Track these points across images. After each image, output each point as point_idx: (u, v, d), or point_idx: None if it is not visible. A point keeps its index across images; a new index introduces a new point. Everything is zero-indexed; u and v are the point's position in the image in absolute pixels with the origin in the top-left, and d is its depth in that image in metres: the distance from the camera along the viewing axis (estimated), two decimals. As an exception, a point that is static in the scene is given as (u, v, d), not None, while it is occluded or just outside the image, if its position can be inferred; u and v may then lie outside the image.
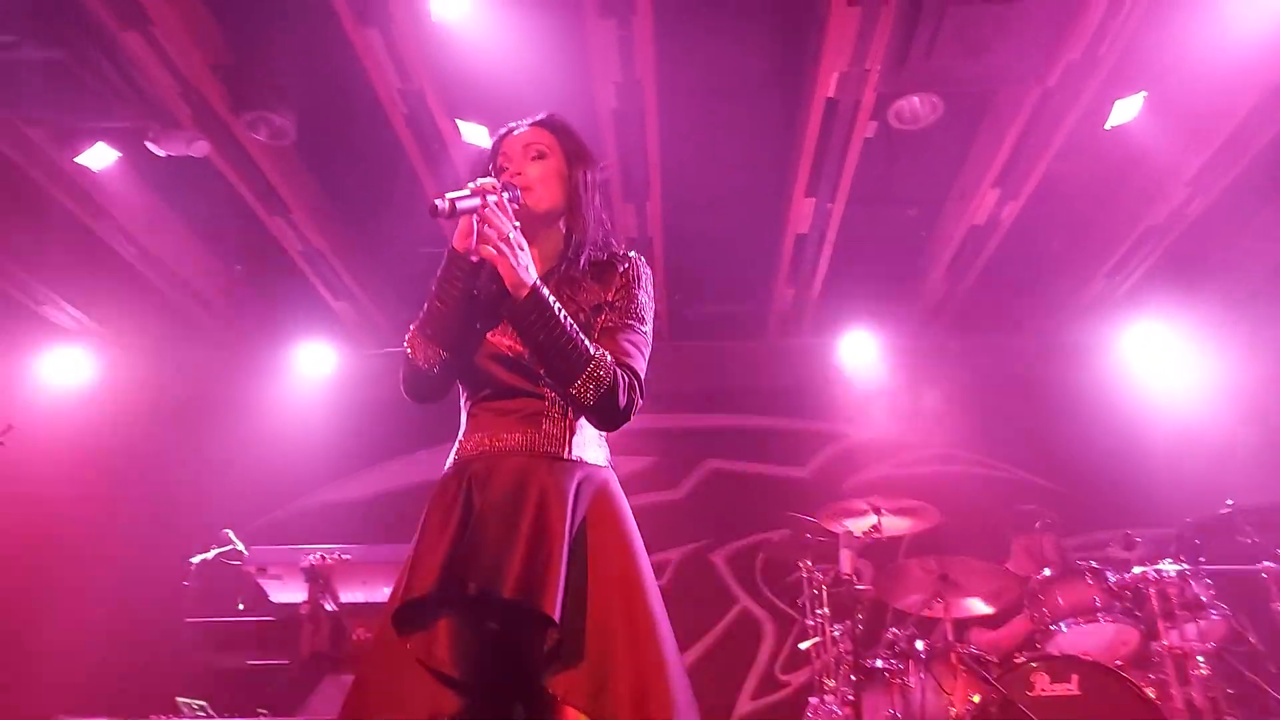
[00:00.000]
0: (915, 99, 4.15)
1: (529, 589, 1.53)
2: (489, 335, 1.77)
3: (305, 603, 3.47)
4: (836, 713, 3.67)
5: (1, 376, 5.56)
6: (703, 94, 4.31)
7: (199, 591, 3.81)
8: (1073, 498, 5.47)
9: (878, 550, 4.36)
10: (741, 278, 5.67)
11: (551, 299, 1.66)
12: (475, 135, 4.05)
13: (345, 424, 5.76)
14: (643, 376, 1.75)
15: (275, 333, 5.77)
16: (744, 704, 5.34)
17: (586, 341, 1.67)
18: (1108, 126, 4.19)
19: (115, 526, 5.29)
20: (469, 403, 1.81)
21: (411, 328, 1.79)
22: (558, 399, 1.73)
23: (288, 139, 3.91)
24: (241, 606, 3.72)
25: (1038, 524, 4.19)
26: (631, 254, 1.88)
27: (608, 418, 1.71)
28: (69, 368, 5.65)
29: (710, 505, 5.77)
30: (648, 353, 1.80)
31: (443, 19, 3.46)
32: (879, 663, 3.79)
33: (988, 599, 4.03)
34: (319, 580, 3.48)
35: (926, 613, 4.02)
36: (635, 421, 6.20)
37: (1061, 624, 3.83)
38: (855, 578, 3.84)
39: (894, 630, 3.85)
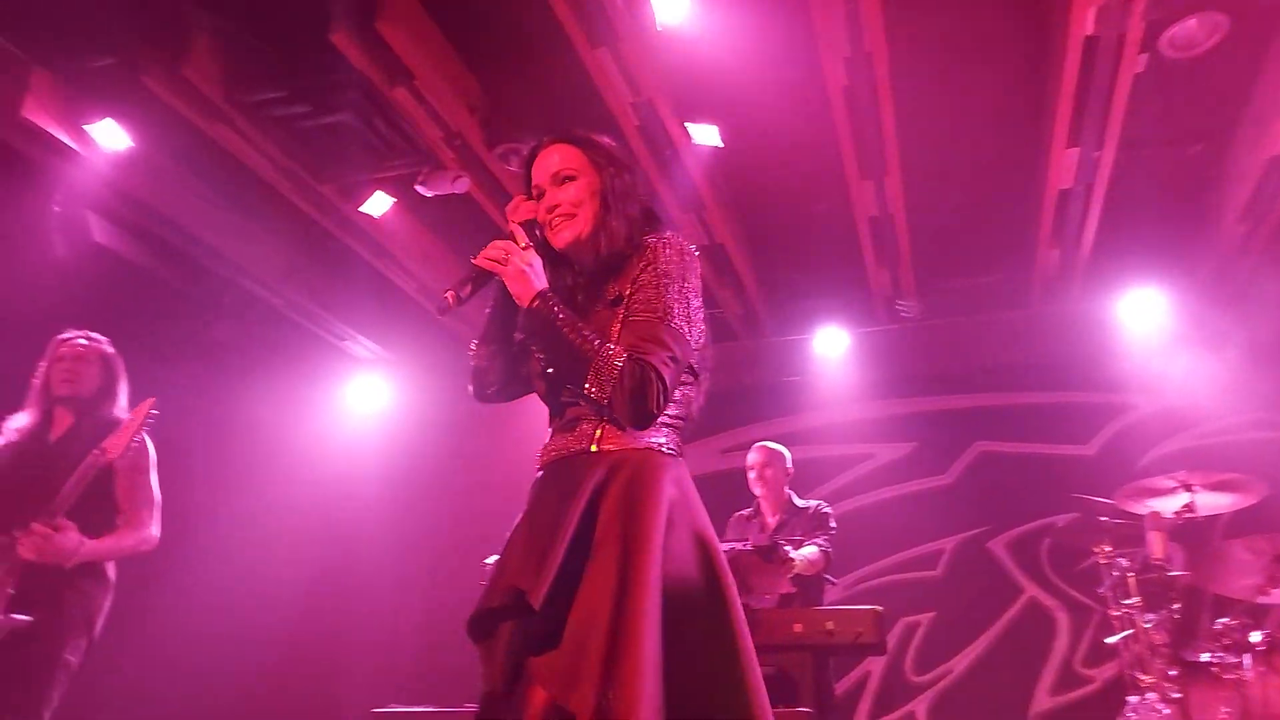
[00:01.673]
0: (1192, 21, 3.66)
1: (529, 583, 1.55)
2: (537, 357, 1.82)
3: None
4: (1161, 711, 3.30)
5: (316, 405, 6.37)
6: (938, 57, 4.05)
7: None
8: None
9: (1189, 532, 3.88)
10: (997, 245, 5.28)
11: (555, 305, 1.69)
12: (705, 135, 4.09)
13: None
14: (665, 367, 1.65)
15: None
16: (1042, 699, 4.95)
17: (594, 340, 1.66)
18: None
19: (418, 533, 5.89)
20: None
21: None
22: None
23: (536, 164, 4.16)
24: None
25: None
26: (653, 238, 1.79)
27: (628, 414, 1.64)
28: (369, 394, 6.39)
29: (984, 490, 5.41)
30: (675, 338, 1.69)
31: (667, 26, 3.53)
32: (1205, 656, 3.36)
33: (1341, 584, 3.45)
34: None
35: (1259, 599, 3.51)
36: (892, 406, 5.94)
37: None
38: (1167, 563, 3.44)
39: (1223, 620, 3.40)
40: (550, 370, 1.77)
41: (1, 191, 4.16)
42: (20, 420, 2.81)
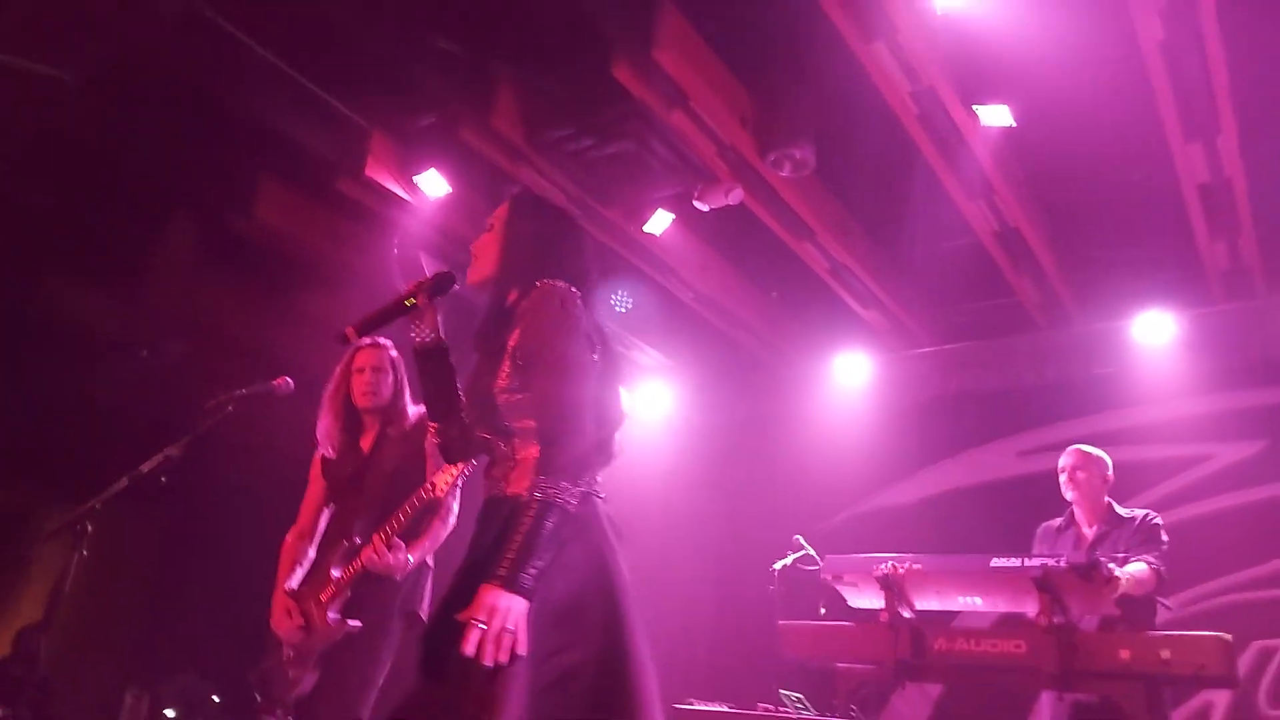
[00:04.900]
0: None
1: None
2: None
3: (883, 610, 3.56)
4: None
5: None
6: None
7: (784, 595, 4.16)
8: None
9: None
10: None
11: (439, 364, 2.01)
12: (995, 116, 3.82)
13: (888, 429, 5.84)
14: (568, 402, 1.79)
15: (813, 349, 6.11)
16: None
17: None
18: None
19: (706, 537, 6.08)
20: None
21: None
22: (497, 440, 1.89)
23: (808, 169, 4.13)
24: (823, 611, 3.95)
25: None
26: (540, 286, 1.90)
27: (552, 465, 1.74)
28: (654, 400, 6.69)
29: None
30: (570, 373, 1.83)
31: (948, 9, 3.34)
32: None
33: None
34: (893, 588, 3.55)
35: None
36: (1235, 398, 5.21)
37: None
38: None
39: None
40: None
41: (355, 239, 4.91)
42: (327, 430, 3.00)
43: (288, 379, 2.78)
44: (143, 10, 3.66)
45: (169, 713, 4.86)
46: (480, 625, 1.58)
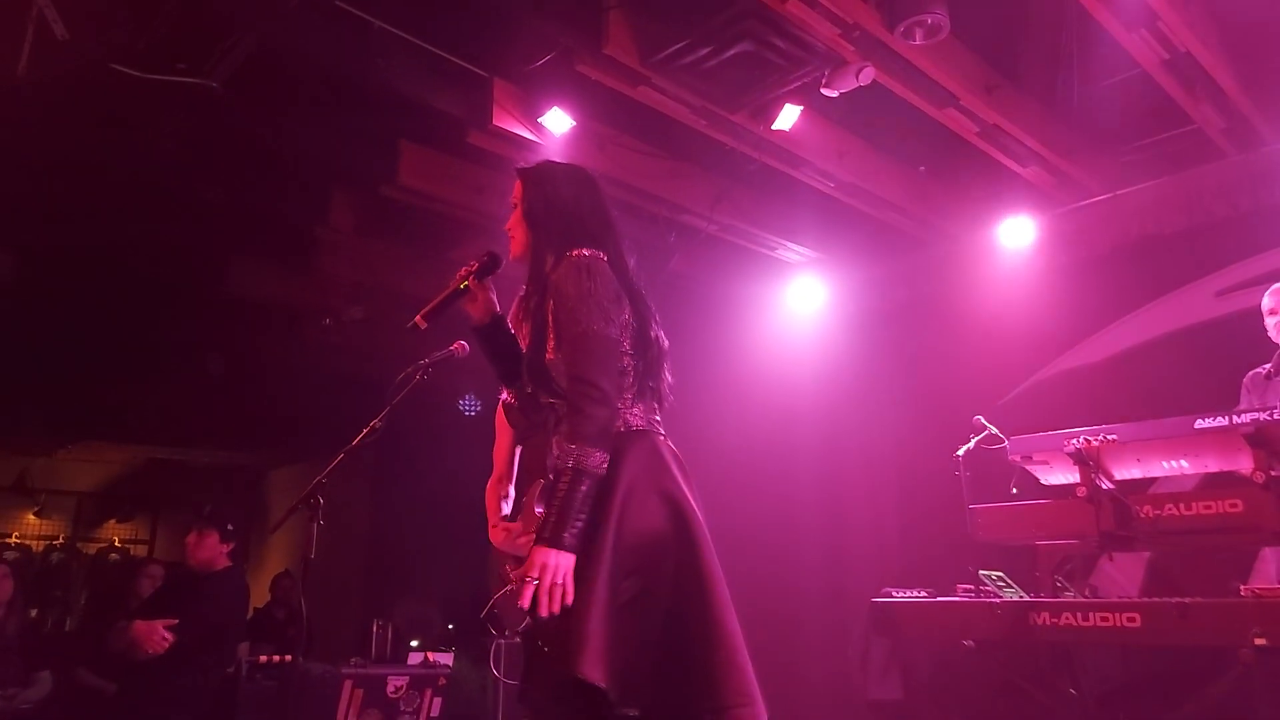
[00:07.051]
0: None
1: None
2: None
3: (1080, 485, 3.46)
4: None
5: (758, 309, 6.78)
6: None
7: (972, 479, 4.10)
8: None
9: None
10: None
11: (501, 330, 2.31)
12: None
13: (1065, 288, 5.51)
14: (591, 371, 1.98)
15: (972, 218, 5.80)
16: None
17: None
18: None
19: (881, 428, 6.03)
20: None
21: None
22: (559, 401, 2.11)
23: (943, 33, 3.85)
24: (1015, 491, 3.88)
25: None
26: (566, 257, 2.08)
27: (578, 434, 1.96)
28: (806, 295, 6.60)
29: None
30: (592, 342, 2.00)
31: None
32: None
33: None
34: (1089, 463, 3.43)
35: None
36: None
37: None
38: None
39: None
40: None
41: (495, 187, 5.06)
42: None
43: (463, 343, 2.95)
44: (266, 7, 3.83)
45: (414, 643, 5.45)
46: (534, 581, 1.88)
